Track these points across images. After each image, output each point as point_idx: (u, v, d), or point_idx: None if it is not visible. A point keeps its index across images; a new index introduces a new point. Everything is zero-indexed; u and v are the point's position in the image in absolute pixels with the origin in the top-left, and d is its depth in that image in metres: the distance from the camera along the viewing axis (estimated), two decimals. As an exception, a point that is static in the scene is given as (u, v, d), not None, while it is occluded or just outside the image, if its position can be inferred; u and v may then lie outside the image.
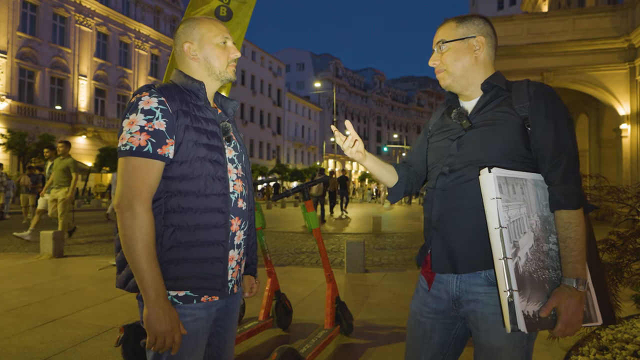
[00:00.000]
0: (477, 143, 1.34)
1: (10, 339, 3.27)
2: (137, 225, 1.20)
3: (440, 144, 1.45)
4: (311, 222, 3.15)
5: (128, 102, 1.32)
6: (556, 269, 1.26)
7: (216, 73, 1.44)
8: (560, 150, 1.27)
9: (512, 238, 1.18)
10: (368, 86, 75.53)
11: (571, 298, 1.19)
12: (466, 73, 1.41)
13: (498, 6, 40.98)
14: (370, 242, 9.00)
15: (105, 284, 5.06)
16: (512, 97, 1.34)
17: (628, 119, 12.95)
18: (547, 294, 1.22)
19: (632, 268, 2.52)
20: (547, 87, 1.34)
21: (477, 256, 1.30)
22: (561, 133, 1.28)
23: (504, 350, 1.27)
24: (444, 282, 1.39)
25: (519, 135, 1.29)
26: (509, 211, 1.20)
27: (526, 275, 1.18)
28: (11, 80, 24.59)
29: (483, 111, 1.37)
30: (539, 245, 1.24)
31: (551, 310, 1.19)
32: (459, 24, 1.42)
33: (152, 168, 1.24)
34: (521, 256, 1.19)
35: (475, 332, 1.33)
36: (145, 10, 34.07)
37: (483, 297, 1.30)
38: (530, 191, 1.28)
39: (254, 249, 1.59)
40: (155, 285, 1.20)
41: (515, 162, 1.29)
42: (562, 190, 1.25)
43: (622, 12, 12.90)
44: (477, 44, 1.40)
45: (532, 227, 1.24)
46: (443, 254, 1.36)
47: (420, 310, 1.46)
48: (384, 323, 3.71)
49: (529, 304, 1.17)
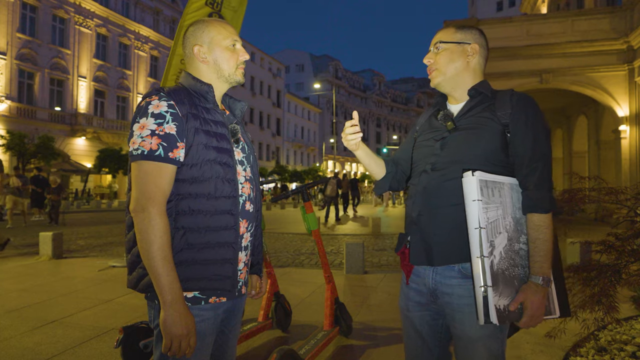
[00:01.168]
0: (459, 145, 1.42)
1: (9, 340, 3.27)
2: (152, 229, 1.21)
3: (426, 144, 1.53)
4: (310, 223, 3.15)
5: (137, 106, 1.33)
6: (524, 267, 1.37)
7: (225, 76, 1.45)
8: (537, 158, 1.36)
9: (490, 238, 1.28)
10: (367, 87, 75.55)
11: (536, 294, 1.31)
12: (456, 75, 1.49)
13: (497, 8, 41.03)
14: (369, 244, 8.99)
15: (105, 285, 5.06)
16: (495, 104, 1.42)
17: (627, 121, 12.97)
18: (515, 290, 1.33)
19: (631, 269, 2.53)
20: (528, 98, 1.42)
21: (453, 251, 1.38)
22: (539, 142, 1.37)
23: (479, 341, 1.35)
24: (421, 275, 1.48)
25: (499, 141, 1.38)
26: (488, 213, 1.29)
27: (499, 272, 1.28)
28: (10, 82, 24.57)
29: (467, 115, 1.45)
30: (512, 244, 1.35)
31: (518, 304, 1.30)
32: (458, 30, 1.50)
33: (164, 172, 1.25)
34: (496, 255, 1.29)
35: (452, 323, 1.41)
36: (145, 11, 34.08)
37: (457, 290, 1.39)
38: (507, 194, 1.37)
39: (260, 249, 1.60)
40: (172, 288, 1.21)
41: (493, 165, 1.38)
42: (536, 195, 1.35)
43: (621, 13, 12.93)
44: (471, 51, 1.49)
45: (507, 228, 1.34)
46: (421, 247, 1.44)
47: (406, 306, 1.54)
48: (383, 324, 3.71)
49: (500, 298, 1.27)
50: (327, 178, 4.82)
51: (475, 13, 40.38)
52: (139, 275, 1.30)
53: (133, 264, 1.32)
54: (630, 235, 2.56)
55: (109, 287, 4.95)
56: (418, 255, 1.45)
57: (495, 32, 14.06)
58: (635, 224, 2.65)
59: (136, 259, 1.30)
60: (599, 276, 2.48)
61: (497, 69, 13.83)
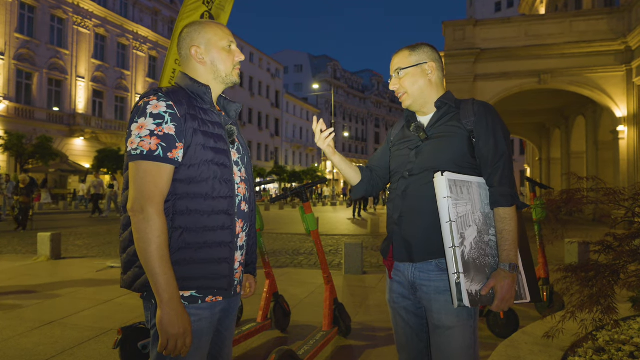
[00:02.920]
0: (432, 152, 1.58)
1: (7, 341, 3.27)
2: (150, 229, 1.21)
3: (402, 153, 1.69)
4: (309, 223, 3.15)
5: (135, 106, 1.33)
6: (494, 256, 1.52)
7: (222, 76, 1.46)
8: (498, 157, 1.52)
9: (460, 230, 1.41)
10: (366, 88, 75.60)
11: (505, 279, 1.45)
12: (422, 94, 1.64)
13: (495, 8, 41.09)
14: (368, 244, 9.01)
15: (103, 285, 5.05)
16: (460, 114, 1.59)
17: (625, 121, 13.00)
18: (487, 277, 1.47)
19: (629, 270, 2.53)
20: (488, 105, 1.60)
21: (430, 247, 1.53)
22: (499, 143, 1.53)
23: (455, 328, 1.50)
24: (401, 269, 1.63)
25: (466, 145, 1.55)
26: (457, 208, 1.43)
27: (470, 261, 1.42)
28: (9, 82, 24.52)
29: (437, 125, 1.62)
30: (481, 236, 1.50)
31: (490, 289, 1.44)
32: (412, 52, 1.66)
33: (163, 172, 1.26)
34: (467, 245, 1.42)
35: (430, 313, 1.55)
36: (143, 11, 34.04)
37: (434, 282, 1.53)
38: (475, 192, 1.53)
39: (254, 249, 1.63)
40: (168, 287, 1.21)
41: (463, 167, 1.54)
42: (499, 191, 1.51)
43: (619, 14, 12.97)
44: (429, 69, 1.64)
45: (476, 222, 1.49)
46: (402, 246, 1.59)
47: (392, 298, 1.68)
48: (382, 325, 3.71)
49: (472, 284, 1.40)
50: (325, 179, 4.82)
51: (474, 14, 40.43)
52: (135, 274, 1.30)
53: (128, 264, 1.32)
54: (629, 236, 2.57)
55: (108, 287, 4.94)
56: (400, 253, 1.60)
57: (494, 33, 14.09)
58: (634, 225, 2.65)
59: (132, 258, 1.30)
60: (597, 276, 2.49)
61: (496, 69, 13.86)
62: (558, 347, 2.79)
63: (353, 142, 69.89)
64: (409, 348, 1.66)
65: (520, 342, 2.96)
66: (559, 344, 2.78)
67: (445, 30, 14.41)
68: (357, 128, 71.42)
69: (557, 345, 2.79)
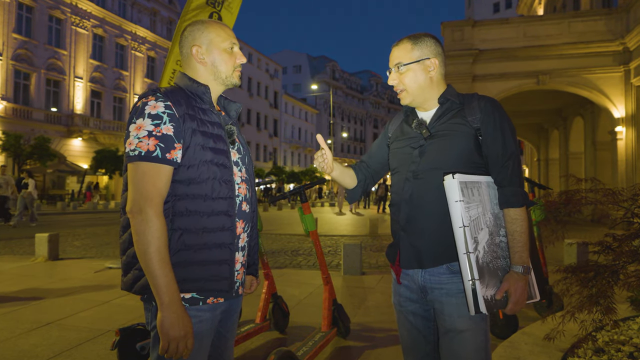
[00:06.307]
0: (437, 151, 1.51)
1: (5, 342, 3.25)
2: (149, 230, 1.20)
3: (403, 151, 1.61)
4: (308, 224, 3.14)
5: (133, 106, 1.32)
6: (505, 258, 1.48)
7: (222, 78, 1.45)
8: (507, 156, 1.47)
9: (473, 234, 1.37)
10: (365, 88, 75.63)
11: (519, 282, 1.42)
12: (423, 92, 1.57)
13: (494, 9, 41.14)
14: (367, 244, 9.00)
15: (101, 286, 5.03)
16: (464, 110, 1.53)
17: (623, 122, 13.03)
18: (499, 280, 1.43)
19: (628, 270, 2.53)
20: (494, 101, 1.53)
21: (440, 252, 1.48)
22: (507, 142, 1.49)
23: (467, 332, 1.45)
24: (410, 274, 1.57)
25: (473, 144, 1.49)
26: (470, 211, 1.38)
27: (484, 265, 1.38)
28: (6, 82, 24.47)
29: (440, 122, 1.55)
30: (493, 238, 1.45)
31: (504, 292, 1.41)
32: (414, 45, 1.56)
33: (161, 173, 1.25)
34: (480, 249, 1.38)
35: (441, 316, 1.50)
36: (142, 12, 34.01)
37: (446, 285, 1.48)
38: (484, 192, 1.48)
39: (256, 250, 1.61)
40: (169, 289, 1.20)
41: (469, 167, 1.48)
42: (510, 191, 1.46)
43: (617, 15, 12.99)
44: (432, 65, 1.56)
45: (487, 224, 1.45)
46: (411, 252, 1.53)
47: (398, 302, 1.63)
48: (381, 325, 3.71)
49: (487, 289, 1.37)
50: (324, 179, 4.81)
51: (472, 14, 40.48)
52: (135, 276, 1.29)
53: (128, 266, 1.31)
54: (628, 236, 2.57)
55: (106, 288, 4.93)
56: (409, 260, 1.53)
57: (492, 34, 14.10)
58: (633, 225, 2.65)
59: (132, 260, 1.29)
60: (596, 277, 2.49)
61: (494, 70, 13.88)
62: (557, 347, 2.79)
63: (351, 142, 69.96)
64: (415, 351, 1.62)
65: (519, 342, 2.96)
66: (558, 345, 2.78)
67: (443, 30, 14.43)
68: (356, 128, 71.44)
69: (557, 345, 2.79)
